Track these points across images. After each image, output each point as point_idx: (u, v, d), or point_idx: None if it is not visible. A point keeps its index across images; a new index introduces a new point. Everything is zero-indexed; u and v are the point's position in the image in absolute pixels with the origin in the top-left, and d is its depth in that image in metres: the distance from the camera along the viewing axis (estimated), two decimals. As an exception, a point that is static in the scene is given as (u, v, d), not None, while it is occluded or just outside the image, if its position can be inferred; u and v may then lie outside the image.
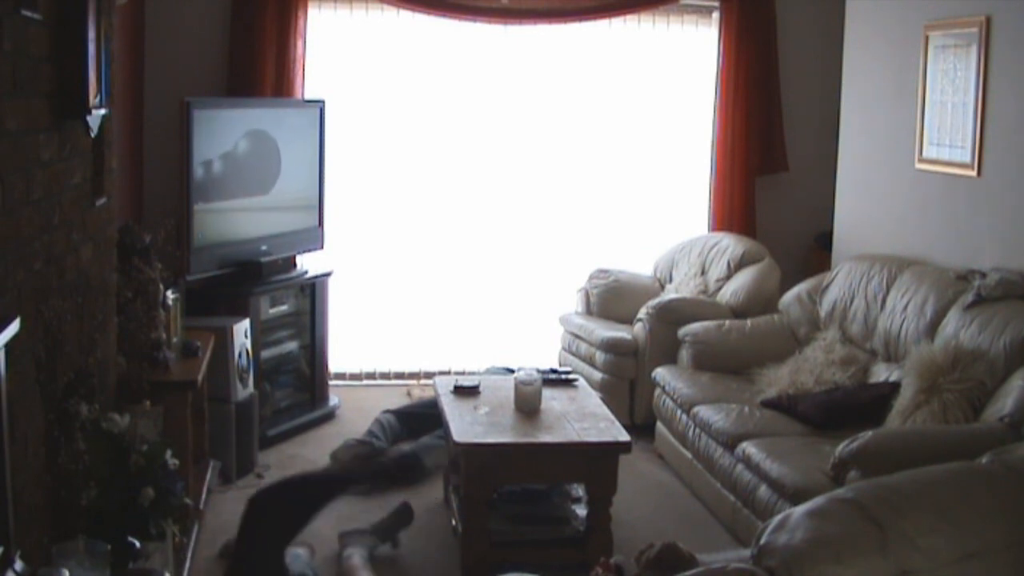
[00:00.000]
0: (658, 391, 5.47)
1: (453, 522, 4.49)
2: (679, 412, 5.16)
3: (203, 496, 4.55)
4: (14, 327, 2.43)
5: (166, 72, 6.21)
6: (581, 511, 4.46)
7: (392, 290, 6.81)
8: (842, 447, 3.89)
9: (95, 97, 3.27)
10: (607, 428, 4.33)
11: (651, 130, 6.96)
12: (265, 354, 5.75)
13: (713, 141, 6.88)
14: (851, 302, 5.24)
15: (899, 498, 2.64)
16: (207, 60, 6.29)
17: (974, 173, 4.87)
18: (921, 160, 5.31)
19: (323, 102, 6.22)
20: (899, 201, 5.53)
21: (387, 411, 5.78)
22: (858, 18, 6.02)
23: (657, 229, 6.98)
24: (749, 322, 5.66)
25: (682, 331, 5.60)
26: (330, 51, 6.55)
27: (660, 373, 5.47)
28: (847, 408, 4.62)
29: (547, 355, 6.57)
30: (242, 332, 5.28)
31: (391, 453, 5.33)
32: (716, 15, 6.81)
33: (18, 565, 2.39)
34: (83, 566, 2.74)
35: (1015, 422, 3.85)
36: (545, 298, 6.88)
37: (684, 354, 5.56)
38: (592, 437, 4.23)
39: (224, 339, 5.09)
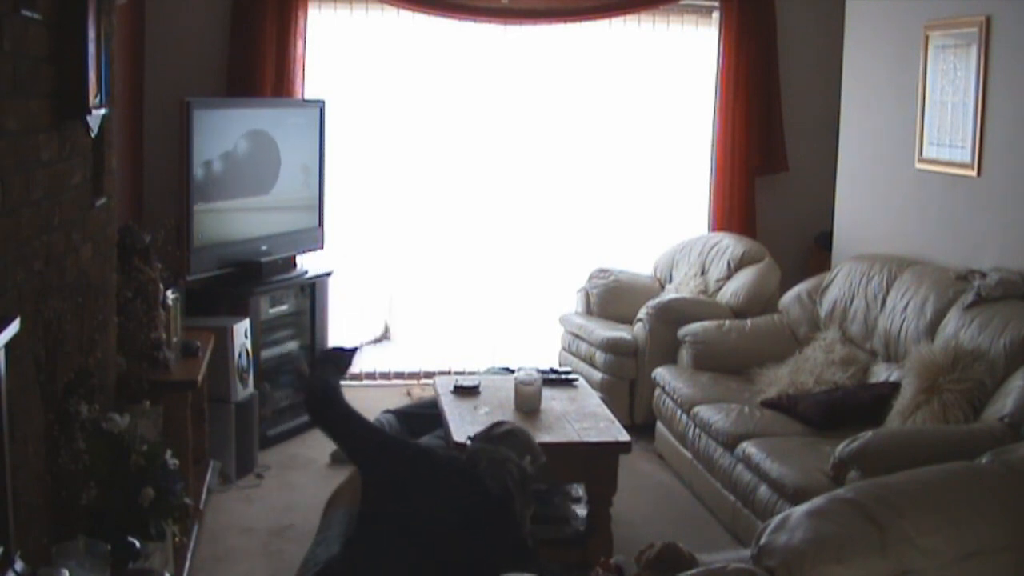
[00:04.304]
0: (658, 391, 5.47)
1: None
2: (679, 412, 5.16)
3: (203, 496, 4.55)
4: (14, 327, 2.42)
5: (166, 72, 6.20)
6: (581, 511, 4.45)
7: (392, 290, 6.81)
8: (842, 447, 3.89)
9: (95, 97, 3.27)
10: (607, 428, 4.33)
11: (651, 130, 6.96)
12: (265, 354, 5.74)
13: (713, 141, 6.88)
14: (851, 302, 5.24)
15: (899, 498, 2.64)
16: (207, 60, 6.29)
17: (974, 173, 4.86)
18: (921, 160, 5.31)
19: (323, 102, 6.22)
20: (899, 201, 5.52)
21: (387, 411, 5.78)
22: (858, 18, 6.01)
23: (657, 229, 6.98)
24: (749, 322, 5.66)
25: (682, 331, 5.60)
26: (330, 51, 6.55)
27: (660, 373, 5.46)
28: (847, 408, 4.62)
29: (547, 355, 6.57)
30: (242, 332, 5.28)
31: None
32: (716, 15, 6.80)
33: (18, 565, 2.39)
34: (83, 566, 2.74)
35: (1015, 422, 3.85)
36: (545, 298, 6.88)
37: (684, 354, 5.55)
38: (592, 437, 4.23)
39: (224, 339, 5.09)
